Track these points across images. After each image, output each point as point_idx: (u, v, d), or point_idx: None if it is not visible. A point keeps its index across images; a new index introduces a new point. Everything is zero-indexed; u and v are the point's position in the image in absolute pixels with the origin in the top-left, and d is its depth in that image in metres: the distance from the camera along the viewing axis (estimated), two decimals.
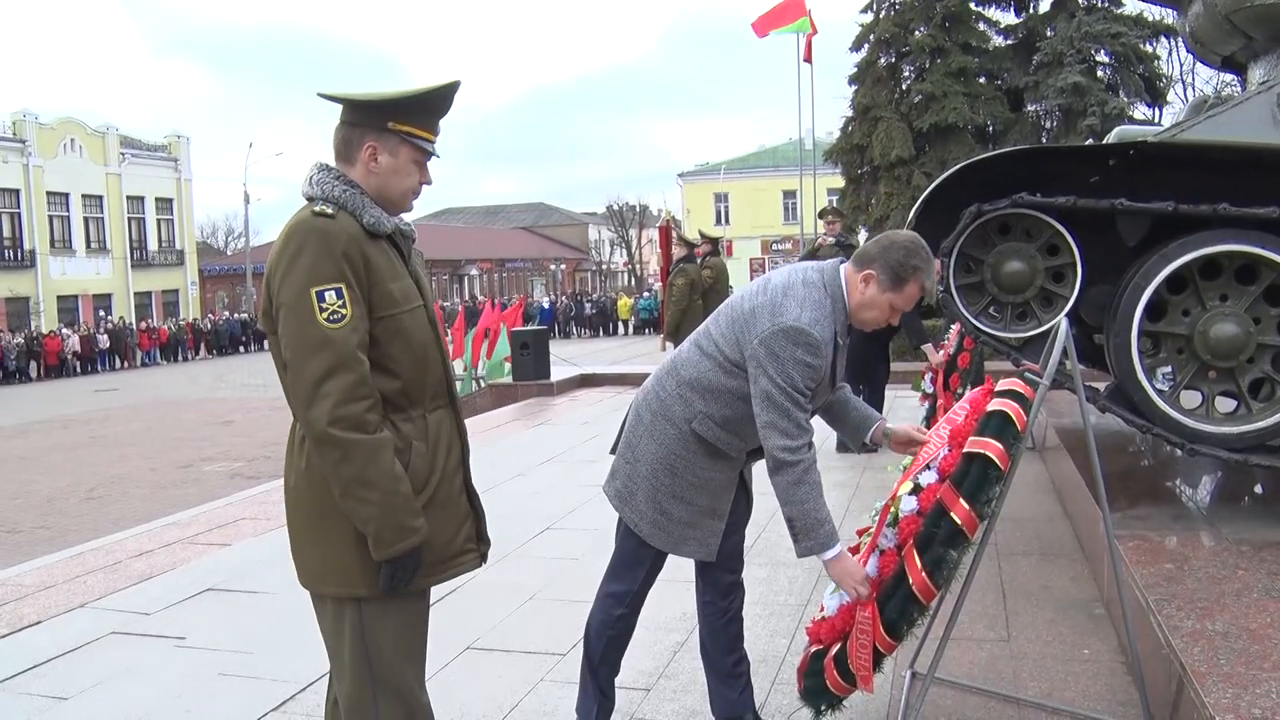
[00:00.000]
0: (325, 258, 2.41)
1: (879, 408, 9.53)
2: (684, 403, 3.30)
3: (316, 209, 2.47)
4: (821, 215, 10.20)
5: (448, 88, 2.59)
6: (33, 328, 39.97)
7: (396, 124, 2.54)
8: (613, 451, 3.54)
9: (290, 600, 4.71)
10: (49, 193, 43.67)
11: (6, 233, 42.39)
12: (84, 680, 4.35)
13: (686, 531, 3.34)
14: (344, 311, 2.40)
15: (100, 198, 45.96)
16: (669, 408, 3.33)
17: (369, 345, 2.47)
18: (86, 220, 45.58)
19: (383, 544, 2.44)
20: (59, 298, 43.79)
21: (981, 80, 21.40)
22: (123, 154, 46.92)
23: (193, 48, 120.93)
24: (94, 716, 3.98)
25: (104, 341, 40.17)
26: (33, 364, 37.65)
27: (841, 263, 3.30)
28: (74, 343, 38.88)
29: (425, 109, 2.58)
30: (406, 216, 2.69)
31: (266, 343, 2.52)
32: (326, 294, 2.39)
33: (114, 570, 6.02)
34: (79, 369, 38.68)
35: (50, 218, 43.93)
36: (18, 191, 42.53)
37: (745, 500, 3.51)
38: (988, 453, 3.11)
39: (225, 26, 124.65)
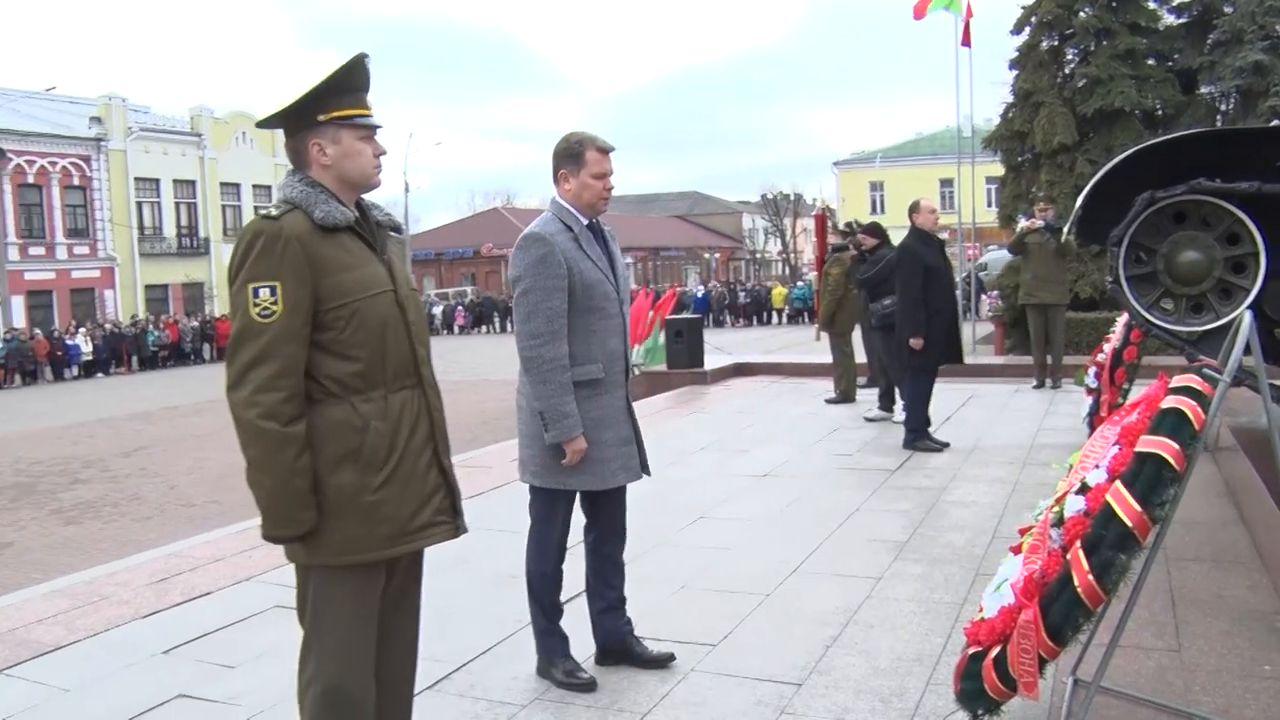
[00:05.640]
0: (265, 257, 2.61)
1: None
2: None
3: (263, 211, 2.71)
4: (1032, 203, 10.47)
5: (352, 63, 2.77)
6: (206, 312, 42.05)
7: (325, 115, 2.72)
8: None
9: (443, 579, 4.83)
10: (222, 183, 46.07)
11: (184, 221, 44.80)
12: (248, 650, 4.54)
13: (595, 466, 3.86)
14: (275, 308, 2.59)
15: (269, 187, 47.85)
16: (523, 385, 3.87)
17: (325, 331, 2.67)
18: (257, 209, 47.32)
19: (266, 525, 2.75)
20: None
21: (1151, 62, 20.38)
22: None
23: (340, 40, 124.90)
24: (257, 685, 4.14)
25: None
26: (206, 346, 39.62)
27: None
28: None
29: (341, 90, 2.75)
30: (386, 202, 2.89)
31: None
32: (261, 290, 2.60)
33: (277, 547, 6.23)
34: None
35: (223, 207, 46.29)
36: (194, 182, 45.01)
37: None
38: (1162, 453, 2.96)
39: (370, 18, 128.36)
